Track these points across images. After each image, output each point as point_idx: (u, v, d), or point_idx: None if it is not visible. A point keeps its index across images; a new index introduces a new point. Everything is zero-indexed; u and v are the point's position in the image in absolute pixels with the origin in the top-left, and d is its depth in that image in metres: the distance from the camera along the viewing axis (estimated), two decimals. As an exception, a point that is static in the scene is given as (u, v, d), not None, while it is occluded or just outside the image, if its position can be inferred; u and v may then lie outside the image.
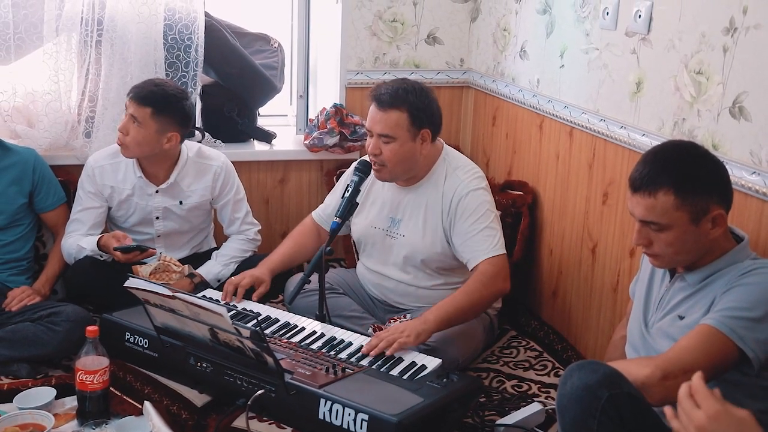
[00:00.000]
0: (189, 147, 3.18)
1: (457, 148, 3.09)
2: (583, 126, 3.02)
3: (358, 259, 3.56)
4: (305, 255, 3.12)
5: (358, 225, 3.06)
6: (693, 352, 1.86)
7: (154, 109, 2.98)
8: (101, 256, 3.04)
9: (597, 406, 1.76)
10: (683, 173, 1.95)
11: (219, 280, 3.15)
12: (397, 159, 2.80)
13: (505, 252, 2.85)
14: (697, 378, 1.42)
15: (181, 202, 3.17)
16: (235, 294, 2.94)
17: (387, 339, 2.59)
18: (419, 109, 2.78)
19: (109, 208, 3.18)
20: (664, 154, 2.03)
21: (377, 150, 2.80)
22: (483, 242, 2.80)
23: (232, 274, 3.12)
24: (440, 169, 2.90)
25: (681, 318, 2.04)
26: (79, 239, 3.08)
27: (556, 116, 3.21)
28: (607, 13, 2.83)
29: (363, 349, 2.60)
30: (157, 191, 3.13)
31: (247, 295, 2.97)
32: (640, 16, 2.65)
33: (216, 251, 3.27)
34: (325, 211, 3.15)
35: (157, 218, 3.17)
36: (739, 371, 1.91)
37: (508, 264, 2.87)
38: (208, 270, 3.17)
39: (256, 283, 2.97)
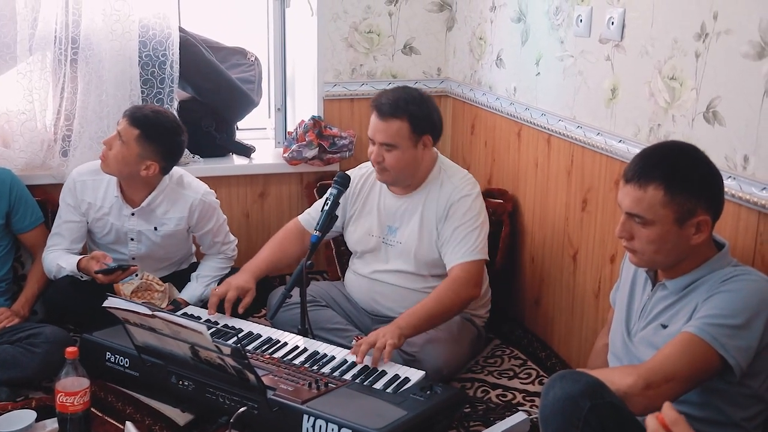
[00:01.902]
0: (172, 173, 3.12)
1: (437, 157, 3.11)
2: (560, 133, 3.03)
3: (340, 271, 3.56)
4: (288, 261, 3.11)
5: (354, 233, 3.08)
6: (675, 360, 1.86)
7: (142, 132, 2.95)
8: (81, 277, 3.01)
9: (579, 417, 1.76)
10: (677, 172, 1.96)
11: (202, 301, 3.13)
12: (400, 166, 2.87)
13: (482, 257, 2.89)
14: (666, 407, 1.40)
15: (156, 228, 3.12)
16: (224, 310, 2.92)
17: (378, 348, 2.58)
18: (420, 118, 2.85)
19: (87, 222, 3.16)
20: (662, 151, 2.04)
21: (380, 158, 2.87)
22: (461, 246, 2.86)
23: (215, 287, 3.11)
24: (436, 177, 2.96)
25: (664, 327, 2.03)
26: (58, 257, 3.05)
27: (534, 124, 3.22)
28: (581, 20, 2.84)
29: (358, 360, 2.59)
30: (132, 213, 3.10)
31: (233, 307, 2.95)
32: (613, 23, 2.67)
33: (195, 273, 3.24)
34: (313, 216, 3.13)
35: (132, 240, 3.14)
36: (722, 379, 1.91)
37: (482, 269, 2.91)
38: (190, 294, 3.15)
39: (242, 294, 2.95)
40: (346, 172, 3.04)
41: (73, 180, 3.12)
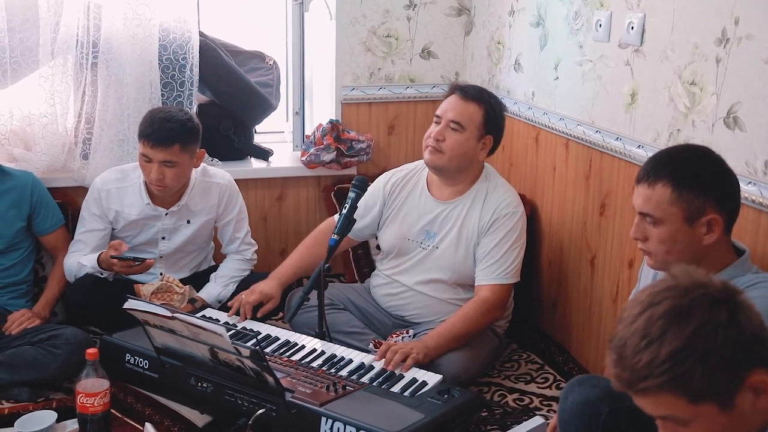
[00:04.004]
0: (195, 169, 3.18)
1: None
2: (578, 138, 3.03)
3: (357, 274, 3.57)
4: (319, 260, 3.06)
5: (389, 234, 3.07)
6: None
7: (180, 143, 2.97)
8: (101, 274, 3.04)
9: (598, 421, 1.76)
10: (685, 170, 1.96)
11: (220, 301, 3.15)
12: (458, 151, 2.88)
13: (514, 281, 2.91)
14: None
15: (188, 221, 3.18)
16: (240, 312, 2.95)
17: (402, 351, 2.60)
18: (494, 112, 2.91)
19: (113, 229, 3.18)
20: (673, 152, 2.05)
21: (441, 136, 2.87)
22: (496, 266, 2.87)
23: (233, 293, 3.13)
24: (482, 187, 2.96)
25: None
26: (80, 257, 3.08)
27: (552, 128, 3.22)
28: (600, 25, 2.84)
29: (384, 364, 2.60)
30: (166, 213, 3.14)
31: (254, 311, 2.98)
32: (632, 27, 2.66)
33: (214, 273, 3.27)
34: None
35: (163, 238, 3.18)
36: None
37: (510, 292, 2.94)
38: (208, 293, 3.17)
39: (265, 300, 2.97)
40: (385, 172, 3.05)
41: (98, 190, 3.14)
